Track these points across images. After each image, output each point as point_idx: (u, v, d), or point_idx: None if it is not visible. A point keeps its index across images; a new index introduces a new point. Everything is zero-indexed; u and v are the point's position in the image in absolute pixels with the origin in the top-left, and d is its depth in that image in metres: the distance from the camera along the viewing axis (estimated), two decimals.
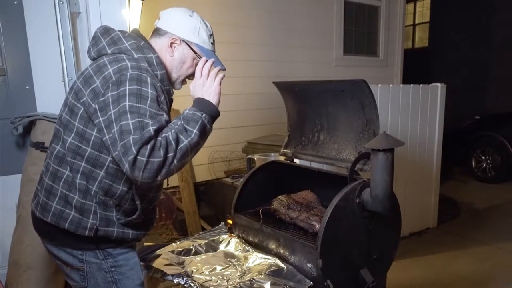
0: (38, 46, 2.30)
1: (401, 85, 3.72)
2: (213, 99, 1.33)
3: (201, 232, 2.05)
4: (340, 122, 1.85)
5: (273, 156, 2.79)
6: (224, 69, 1.44)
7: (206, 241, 1.90)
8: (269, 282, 1.51)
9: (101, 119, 1.21)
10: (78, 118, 1.28)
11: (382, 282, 1.73)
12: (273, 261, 1.66)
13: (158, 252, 1.77)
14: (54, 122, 2.20)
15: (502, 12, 8.13)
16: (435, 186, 4.11)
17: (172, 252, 1.79)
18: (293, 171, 2.12)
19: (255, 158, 2.82)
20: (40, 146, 2.18)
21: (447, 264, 3.32)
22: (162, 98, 1.28)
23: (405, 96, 3.63)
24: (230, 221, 1.97)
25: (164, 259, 1.72)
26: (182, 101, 2.34)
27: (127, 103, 1.16)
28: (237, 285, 1.51)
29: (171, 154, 1.15)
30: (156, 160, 1.12)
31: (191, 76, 1.48)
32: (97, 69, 1.27)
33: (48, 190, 1.36)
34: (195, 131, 1.21)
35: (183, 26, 1.42)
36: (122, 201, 1.35)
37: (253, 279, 1.54)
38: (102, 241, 1.36)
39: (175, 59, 1.43)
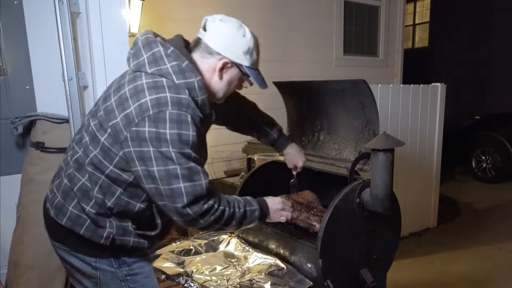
0: (38, 46, 2.30)
1: (401, 85, 3.71)
2: (269, 217, 1.44)
3: (201, 232, 2.05)
4: (340, 122, 1.85)
5: (273, 156, 2.78)
6: (265, 87, 1.43)
7: (206, 241, 1.90)
8: (269, 282, 1.51)
9: (134, 151, 1.18)
10: (106, 135, 1.21)
11: (382, 282, 1.73)
12: (273, 261, 1.66)
13: (158, 252, 1.77)
14: (54, 122, 2.21)
15: (502, 12, 8.12)
16: (435, 186, 4.11)
17: (172, 252, 1.79)
18: None
19: (255, 158, 2.82)
20: (40, 146, 2.18)
21: (447, 264, 3.32)
22: (201, 131, 1.27)
23: (405, 96, 3.63)
24: None
25: (164, 259, 1.72)
26: None
27: (172, 153, 1.14)
28: (237, 285, 1.51)
29: (216, 225, 1.26)
30: (202, 221, 1.22)
31: (234, 91, 1.48)
32: (134, 92, 1.19)
33: (65, 192, 1.29)
34: (242, 226, 1.36)
35: (236, 49, 1.30)
36: (140, 217, 1.32)
37: (253, 279, 1.54)
38: (118, 250, 1.31)
39: (223, 82, 1.35)
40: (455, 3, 8.86)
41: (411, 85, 3.70)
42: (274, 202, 1.46)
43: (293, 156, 1.82)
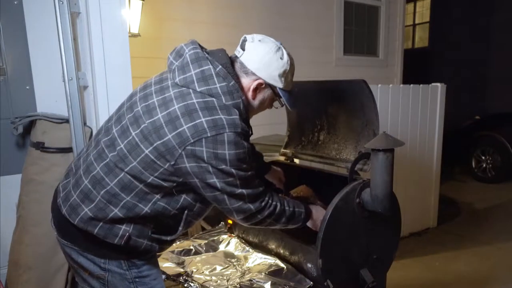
0: (38, 46, 2.30)
1: (401, 85, 3.71)
2: (314, 223, 1.54)
3: (201, 232, 2.06)
4: (340, 122, 1.85)
5: (273, 156, 2.78)
6: (296, 109, 1.53)
7: (206, 241, 1.90)
8: (269, 282, 1.51)
9: (196, 177, 1.23)
10: (151, 149, 1.20)
11: (382, 282, 1.73)
12: (273, 261, 1.66)
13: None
14: (54, 122, 2.21)
15: (502, 12, 8.13)
16: (435, 186, 4.11)
17: (172, 252, 1.79)
18: (293, 171, 2.12)
19: None
20: (40, 146, 2.18)
21: (447, 264, 3.32)
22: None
23: (405, 96, 3.63)
24: (230, 221, 1.97)
25: (164, 259, 1.72)
26: None
27: (231, 169, 1.21)
28: (237, 285, 1.51)
29: (268, 220, 1.37)
30: (260, 215, 1.34)
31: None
32: (185, 111, 1.20)
33: (84, 193, 1.26)
34: (288, 225, 1.46)
35: (272, 71, 1.33)
36: (168, 220, 1.33)
37: (253, 279, 1.54)
38: (129, 251, 1.30)
39: (255, 101, 1.39)
40: (455, 3, 8.86)
41: (411, 85, 3.70)
42: (322, 213, 1.56)
43: (275, 173, 1.93)
